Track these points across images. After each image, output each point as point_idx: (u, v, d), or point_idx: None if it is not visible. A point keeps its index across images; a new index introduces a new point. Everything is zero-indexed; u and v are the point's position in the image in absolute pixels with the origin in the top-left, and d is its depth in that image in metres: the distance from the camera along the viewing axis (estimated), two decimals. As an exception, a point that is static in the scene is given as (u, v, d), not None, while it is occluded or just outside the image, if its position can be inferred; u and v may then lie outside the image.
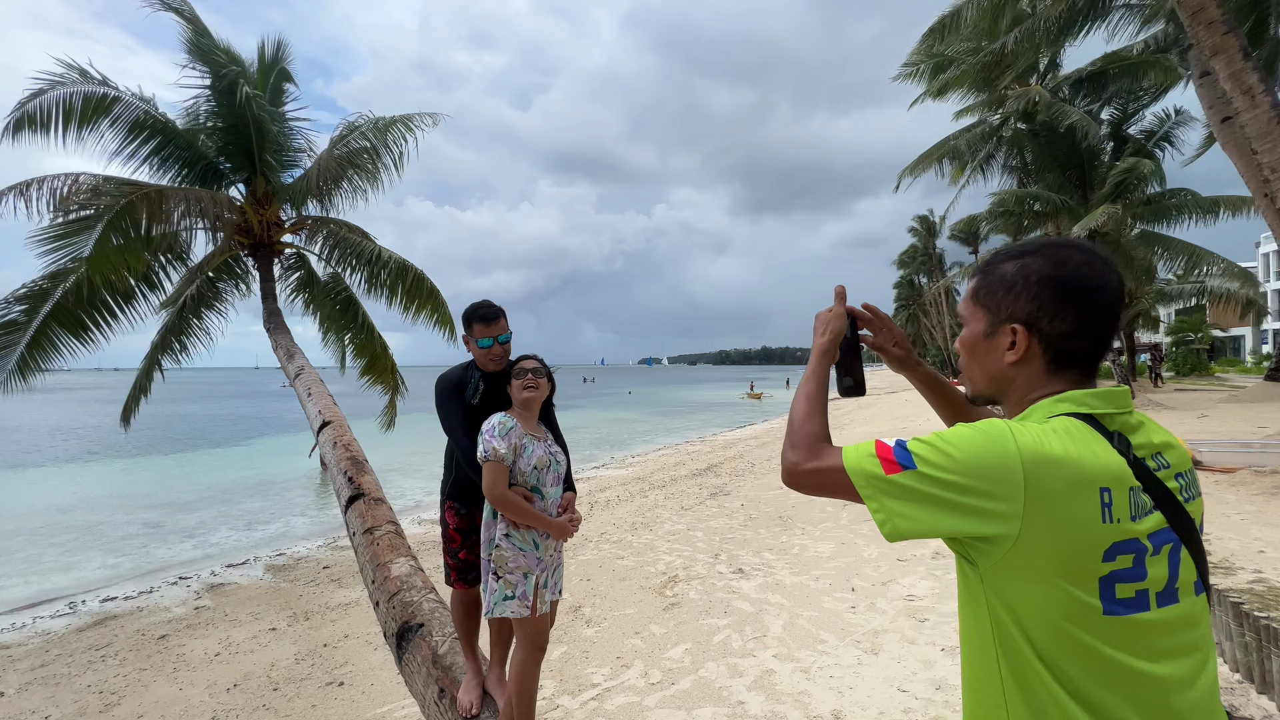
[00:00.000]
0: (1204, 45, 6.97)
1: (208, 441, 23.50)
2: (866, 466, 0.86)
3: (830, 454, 0.92)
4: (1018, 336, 0.90)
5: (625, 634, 4.76)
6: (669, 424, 28.63)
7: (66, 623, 6.56)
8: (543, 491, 2.21)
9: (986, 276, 0.95)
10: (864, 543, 6.59)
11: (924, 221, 51.46)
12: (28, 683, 5.08)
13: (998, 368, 0.94)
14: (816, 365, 1.09)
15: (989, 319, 0.94)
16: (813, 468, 0.93)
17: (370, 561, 3.24)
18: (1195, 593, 0.83)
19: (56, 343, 5.93)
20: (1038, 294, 0.89)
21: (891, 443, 0.87)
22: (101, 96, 5.75)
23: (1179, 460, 0.87)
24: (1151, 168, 15.81)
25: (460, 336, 2.50)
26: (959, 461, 0.80)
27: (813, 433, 0.97)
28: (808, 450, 0.95)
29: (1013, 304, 0.91)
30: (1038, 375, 0.91)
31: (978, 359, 0.97)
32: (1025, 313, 0.90)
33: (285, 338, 6.16)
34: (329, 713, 4.18)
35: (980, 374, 0.98)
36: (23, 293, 5.69)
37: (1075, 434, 0.82)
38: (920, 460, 0.83)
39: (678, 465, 14.68)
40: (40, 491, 14.15)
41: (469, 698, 2.31)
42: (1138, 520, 0.79)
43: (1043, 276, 0.89)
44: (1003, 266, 0.94)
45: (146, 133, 6.17)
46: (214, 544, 9.80)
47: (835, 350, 1.13)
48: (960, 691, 3.66)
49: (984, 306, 0.95)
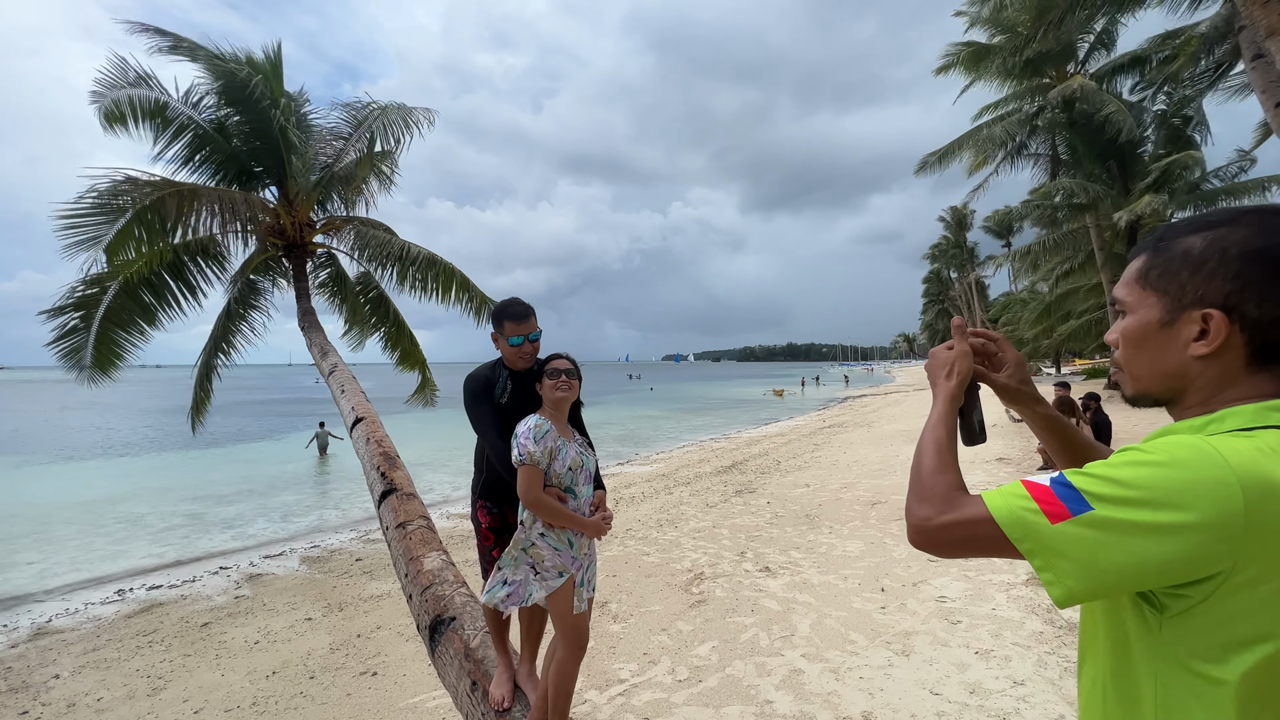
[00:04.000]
0: (1259, 26, 6.63)
1: (245, 437, 24.27)
2: (1021, 515, 0.71)
3: (969, 503, 0.78)
4: (1212, 324, 0.75)
5: (652, 630, 4.77)
6: (693, 421, 28.54)
7: (116, 609, 6.85)
8: (575, 491, 2.22)
9: (1159, 254, 0.80)
10: (893, 542, 6.48)
11: (955, 213, 50.25)
12: (81, 666, 5.33)
13: (1177, 363, 0.79)
14: (945, 410, 0.95)
15: (1167, 304, 0.79)
16: (950, 520, 0.78)
17: (403, 555, 3.31)
18: None
19: (118, 341, 6.24)
20: (1241, 271, 0.73)
21: (1047, 482, 0.73)
22: (157, 100, 6.01)
23: None
24: (1198, 158, 15.18)
25: (490, 334, 2.51)
26: (1153, 495, 0.65)
27: (948, 482, 0.83)
28: (943, 501, 0.81)
29: (1203, 285, 0.75)
30: (1232, 372, 0.76)
31: (1148, 352, 0.81)
32: (1224, 294, 0.74)
33: (319, 336, 6.31)
34: (363, 702, 4.29)
35: (1149, 370, 0.82)
36: (76, 299, 5.98)
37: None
38: (1096, 499, 0.68)
39: (702, 462, 14.63)
40: (90, 483, 14.81)
41: (501, 691, 2.34)
42: None
43: (1246, 250, 0.73)
44: (1186, 241, 0.78)
45: (189, 136, 6.40)
46: (252, 535, 10.14)
47: (963, 395, 1.00)
48: (994, 696, 3.54)
49: (1158, 290, 0.79)
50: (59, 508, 12.13)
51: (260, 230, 6.65)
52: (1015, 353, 1.05)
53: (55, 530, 10.51)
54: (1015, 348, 1.05)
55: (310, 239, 6.89)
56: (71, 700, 4.69)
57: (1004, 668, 3.74)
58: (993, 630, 4.25)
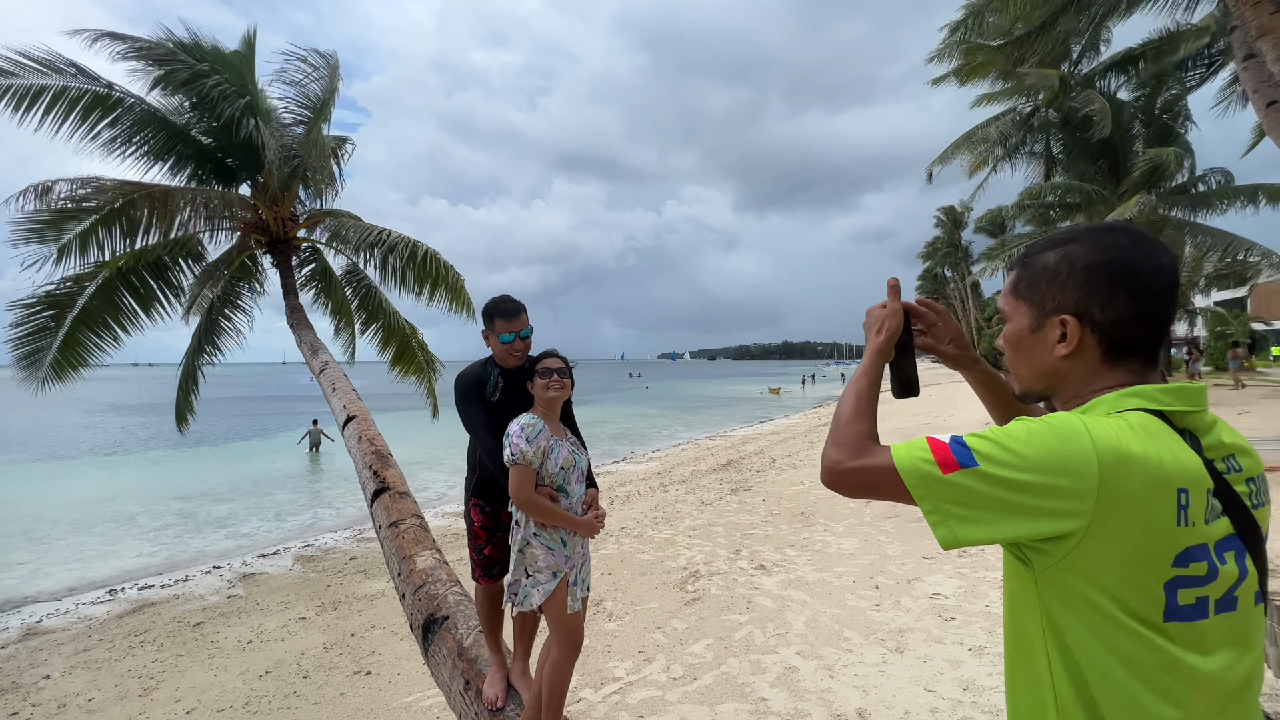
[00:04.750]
0: (1250, 25, 6.66)
1: (237, 435, 24.13)
2: (919, 465, 0.81)
3: (878, 452, 0.87)
4: (1068, 328, 0.86)
5: (647, 628, 4.77)
6: (688, 419, 28.57)
7: (107, 609, 6.80)
8: (568, 490, 2.21)
9: (1027, 268, 0.92)
10: (888, 540, 6.51)
11: (949, 213, 50.40)
12: (72, 666, 5.29)
13: (1048, 362, 0.90)
14: (870, 364, 1.04)
15: (1034, 312, 0.90)
16: (857, 465, 0.88)
17: (396, 554, 3.29)
18: (1255, 602, 0.80)
19: (85, 344, 6.07)
20: (1086, 281, 0.84)
21: (947, 439, 0.81)
22: (106, 95, 5.79)
23: (1251, 465, 0.83)
24: (1178, 156, 15.25)
25: (480, 332, 2.49)
26: (1027, 459, 0.75)
27: (860, 430, 0.92)
28: (854, 448, 0.89)
29: (1059, 294, 0.87)
30: (1093, 368, 0.87)
31: (1025, 354, 0.93)
32: (1074, 302, 0.85)
33: (309, 333, 6.25)
34: (357, 701, 4.27)
35: (1028, 370, 0.93)
36: (49, 298, 5.82)
37: (1153, 431, 0.77)
38: (982, 458, 0.77)
39: (698, 460, 14.64)
40: (81, 483, 14.69)
41: (494, 690, 2.33)
42: (1210, 524, 0.75)
43: (1089, 264, 0.85)
44: (1043, 256, 0.90)
45: (156, 132, 6.19)
46: (245, 534, 10.08)
47: (891, 350, 1.07)
48: (988, 693, 3.58)
49: (1027, 300, 0.91)
50: (48, 507, 12.03)
51: (242, 228, 6.55)
52: (955, 324, 1.15)
53: (45, 530, 10.41)
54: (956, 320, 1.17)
55: (294, 234, 6.80)
56: (62, 701, 4.66)
57: (997, 664, 3.75)
58: (986, 627, 4.27)
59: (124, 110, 5.97)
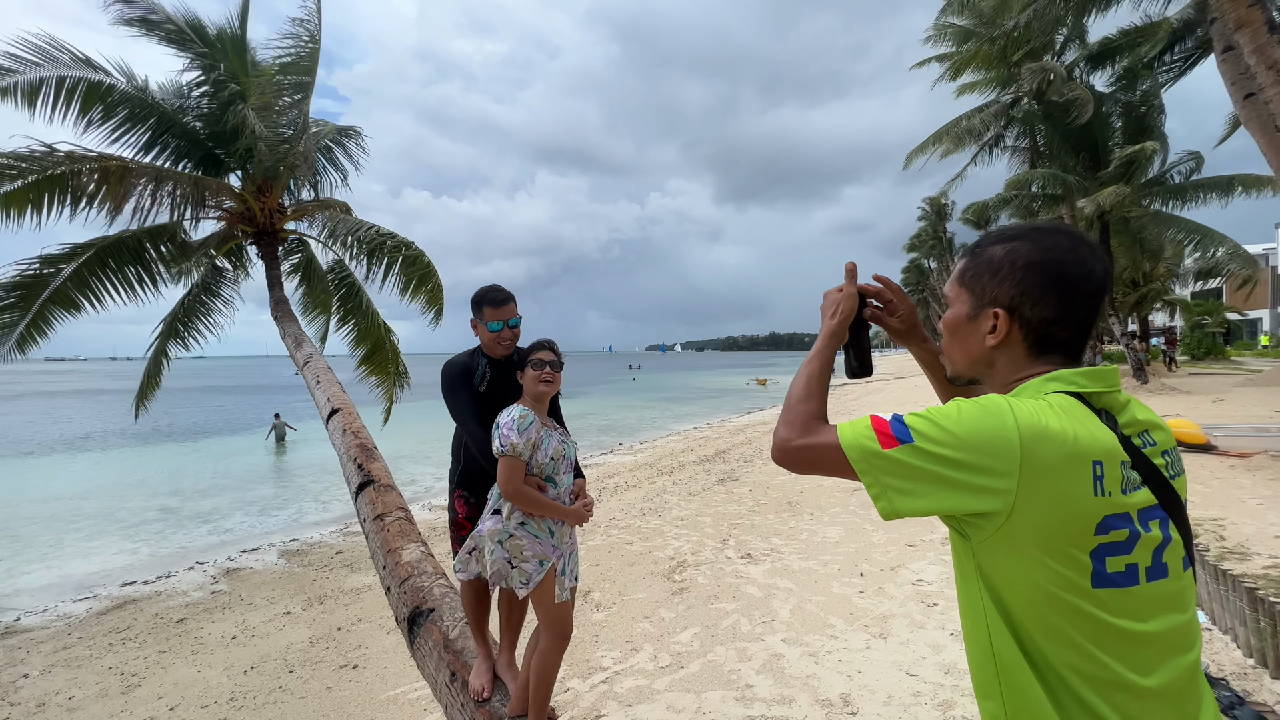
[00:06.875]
0: (1228, 18, 6.76)
1: (220, 429, 23.79)
2: (862, 442, 0.86)
3: (824, 431, 0.92)
4: (999, 321, 0.91)
5: (635, 618, 4.80)
6: (677, 410, 28.65)
7: (87, 607, 6.69)
8: (556, 480, 2.20)
9: (974, 259, 0.96)
10: (873, 528, 6.59)
11: (934, 204, 50.73)
12: (51, 665, 5.20)
13: (979, 350, 0.95)
14: (823, 346, 1.07)
15: (973, 302, 0.94)
16: (805, 443, 0.92)
17: (381, 547, 3.27)
18: (1184, 568, 0.84)
19: (48, 320, 5.87)
20: (1022, 279, 0.89)
21: (888, 418, 0.86)
22: (97, 83, 5.63)
23: (1164, 439, 0.88)
24: (1155, 148, 15.48)
25: (469, 320, 2.47)
26: (957, 436, 0.80)
27: (809, 410, 0.96)
28: (801, 427, 0.94)
29: (996, 288, 0.91)
30: (1019, 359, 0.92)
31: (959, 340, 0.97)
32: (1009, 297, 0.90)
33: (293, 325, 6.15)
34: (344, 695, 4.25)
35: (961, 355, 0.98)
36: (19, 279, 5.63)
37: (1070, 410, 0.82)
38: (918, 435, 0.82)
39: (686, 451, 14.70)
40: (59, 478, 14.41)
41: (480, 681, 2.33)
42: (1128, 494, 0.80)
43: (1029, 262, 0.89)
44: (991, 250, 0.93)
45: (144, 119, 6.03)
46: (229, 530, 9.96)
47: (845, 332, 1.10)
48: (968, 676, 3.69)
49: (969, 289, 0.95)
50: (24, 503, 11.79)
51: (228, 218, 6.42)
52: (909, 302, 1.19)
53: (21, 527, 10.21)
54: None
55: (281, 225, 6.67)
56: (41, 700, 4.58)
57: (978, 648, 3.83)
58: (967, 611, 4.35)
59: (106, 90, 5.78)
